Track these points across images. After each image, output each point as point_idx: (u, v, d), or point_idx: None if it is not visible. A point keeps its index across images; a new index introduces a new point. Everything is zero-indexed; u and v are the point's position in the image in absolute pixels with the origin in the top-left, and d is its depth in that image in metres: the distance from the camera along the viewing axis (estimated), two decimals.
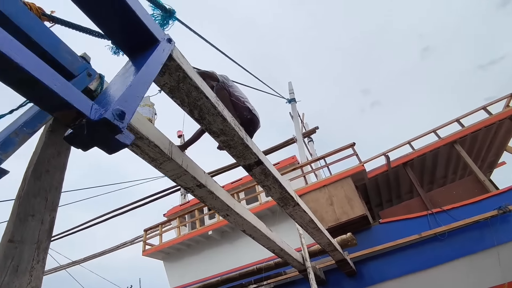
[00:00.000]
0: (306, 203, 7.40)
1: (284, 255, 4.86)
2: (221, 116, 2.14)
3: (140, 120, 2.24)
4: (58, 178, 1.69)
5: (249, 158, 2.56)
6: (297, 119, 10.62)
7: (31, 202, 1.49)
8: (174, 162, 2.51)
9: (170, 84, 1.83)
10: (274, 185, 2.99)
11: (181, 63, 1.77)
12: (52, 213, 1.57)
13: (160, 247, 8.85)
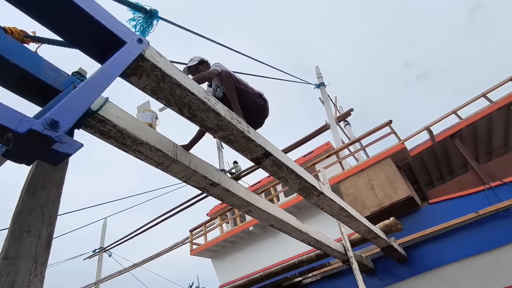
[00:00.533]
0: (345, 190, 7.07)
1: (321, 247, 4.67)
2: (213, 111, 2.04)
3: (138, 126, 2.23)
4: (54, 192, 1.73)
5: (255, 151, 2.44)
6: (328, 104, 10.16)
7: (26, 219, 1.53)
8: (181, 164, 2.48)
9: (151, 86, 1.78)
10: (291, 175, 2.83)
11: (156, 62, 1.70)
12: (49, 227, 1.61)
13: (206, 246, 9.11)
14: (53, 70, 1.82)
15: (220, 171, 10.36)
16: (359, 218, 4.11)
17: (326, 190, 3.37)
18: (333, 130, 9.31)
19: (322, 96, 10.44)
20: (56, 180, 1.77)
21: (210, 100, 2.04)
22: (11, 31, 1.73)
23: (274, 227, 3.79)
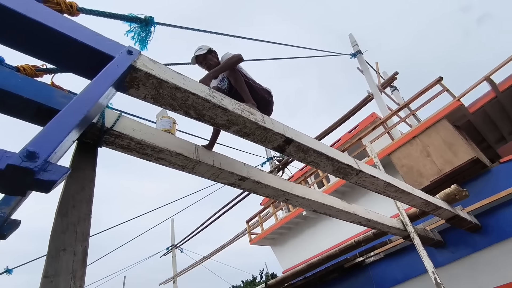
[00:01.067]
0: (398, 161, 6.57)
1: (375, 225, 4.41)
2: (220, 107, 1.99)
3: (155, 134, 2.28)
4: (85, 210, 1.84)
5: (274, 139, 2.34)
6: (368, 72, 9.43)
7: (60, 238, 1.65)
8: (205, 164, 2.50)
9: (150, 94, 1.78)
10: (320, 158, 2.67)
11: (150, 70, 1.69)
12: (83, 243, 1.72)
13: (263, 234, 9.27)
14: (65, 97, 1.93)
15: (268, 159, 10.32)
16: (412, 191, 3.76)
17: (366, 168, 3.14)
18: (377, 99, 8.64)
19: (360, 65, 9.72)
20: (85, 198, 1.88)
21: (214, 96, 1.99)
22: (24, 68, 1.86)
23: (318, 212, 3.66)
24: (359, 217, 3.96)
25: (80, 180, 1.92)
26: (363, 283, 6.65)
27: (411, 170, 6.23)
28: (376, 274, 6.37)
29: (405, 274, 5.97)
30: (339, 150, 7.82)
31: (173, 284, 16.90)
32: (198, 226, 13.36)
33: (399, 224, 4.79)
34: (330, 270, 6.92)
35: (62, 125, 1.10)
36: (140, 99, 1.80)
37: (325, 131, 9.67)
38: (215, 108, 1.98)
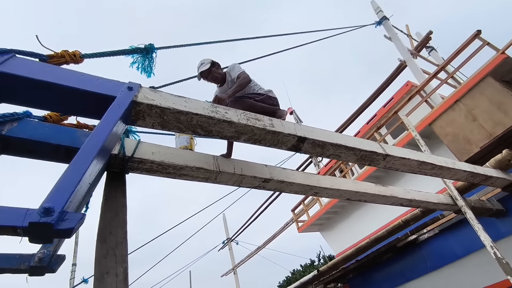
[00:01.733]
0: (440, 130, 6.12)
1: (419, 204, 4.20)
2: (225, 121, 2.05)
3: (173, 154, 2.43)
4: (121, 234, 2.04)
5: (287, 141, 2.34)
6: (398, 38, 8.75)
7: (103, 263, 1.85)
8: (226, 173, 2.60)
9: (157, 122, 1.89)
10: (340, 150, 2.62)
11: (151, 101, 1.80)
12: (123, 264, 1.92)
13: (310, 221, 9.28)
14: (87, 135, 2.12)
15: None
16: (452, 165, 3.50)
17: (394, 150, 2.99)
18: (411, 66, 8.01)
19: (388, 32, 9.04)
20: (119, 223, 2.08)
21: (218, 112, 2.05)
22: (50, 116, 2.09)
23: (352, 200, 3.60)
24: (398, 198, 3.81)
25: (114, 207, 2.11)
26: (419, 261, 6.39)
27: (457, 138, 5.76)
28: (432, 251, 6.08)
29: (465, 248, 5.61)
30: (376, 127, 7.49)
31: (234, 275, 17.70)
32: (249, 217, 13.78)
33: (447, 199, 4.50)
34: (382, 251, 6.74)
35: (72, 177, 1.24)
36: (148, 128, 1.93)
37: (358, 109, 9.29)
38: (221, 123, 2.04)
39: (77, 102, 1.64)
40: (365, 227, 8.03)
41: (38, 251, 1.67)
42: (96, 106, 1.67)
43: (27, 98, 1.65)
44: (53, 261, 1.71)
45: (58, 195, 1.16)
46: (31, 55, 1.64)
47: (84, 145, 1.37)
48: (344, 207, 8.78)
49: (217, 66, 2.92)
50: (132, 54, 2.20)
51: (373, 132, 7.45)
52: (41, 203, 1.13)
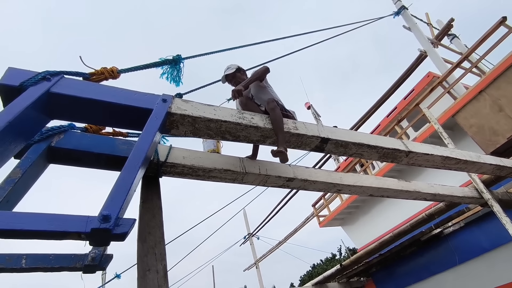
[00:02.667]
0: (464, 122, 5.99)
1: (443, 198, 4.17)
2: (252, 126, 2.16)
3: (202, 157, 2.57)
4: (159, 234, 2.20)
5: (310, 142, 2.43)
6: (417, 28, 8.52)
7: (144, 260, 2.02)
8: (252, 174, 2.72)
9: (189, 130, 2.03)
10: (362, 149, 2.68)
11: (183, 111, 1.93)
12: (162, 262, 2.08)
13: (331, 216, 9.29)
14: (125, 143, 2.29)
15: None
16: (477, 159, 3.47)
17: (417, 146, 3.02)
18: (432, 56, 7.81)
19: (406, 22, 8.81)
20: (157, 224, 2.24)
21: (245, 118, 2.17)
22: (90, 127, 2.27)
23: (375, 196, 3.64)
24: (422, 193, 3.81)
25: (151, 209, 2.28)
26: (444, 255, 6.31)
27: (482, 129, 5.61)
28: (457, 244, 5.99)
29: (492, 241, 5.50)
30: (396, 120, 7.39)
31: (256, 269, 17.98)
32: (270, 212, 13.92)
33: (472, 192, 4.44)
34: (406, 245, 6.70)
35: (124, 186, 1.39)
36: (181, 136, 2.07)
37: (378, 101, 9.16)
38: (248, 128, 2.16)
39: (118, 115, 1.80)
40: (388, 221, 7.97)
41: (90, 251, 1.85)
42: (135, 118, 1.82)
43: (74, 114, 1.82)
44: (103, 260, 1.89)
45: (113, 203, 1.31)
46: (76, 74, 1.80)
47: (131, 156, 1.52)
48: (365, 201, 8.74)
49: (242, 72, 3.05)
50: (162, 65, 2.34)
51: (394, 126, 7.36)
52: (99, 210, 1.28)
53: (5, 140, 1.40)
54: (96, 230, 1.22)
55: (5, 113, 1.39)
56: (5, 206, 1.67)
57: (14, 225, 1.14)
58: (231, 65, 3.02)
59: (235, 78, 2.96)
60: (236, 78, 2.96)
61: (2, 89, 1.53)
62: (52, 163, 2.12)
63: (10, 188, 1.70)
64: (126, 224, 1.32)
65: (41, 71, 1.63)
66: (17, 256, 1.62)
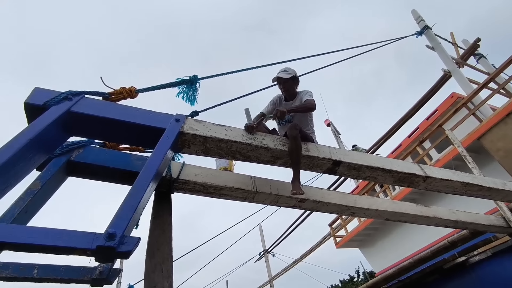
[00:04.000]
0: (491, 145, 5.73)
1: (467, 226, 3.96)
2: (262, 147, 2.18)
3: (214, 175, 2.60)
4: (167, 250, 2.23)
5: (322, 164, 2.41)
6: (440, 47, 8.34)
7: (151, 277, 2.04)
8: (263, 193, 2.71)
9: (200, 149, 2.08)
10: (377, 172, 2.62)
11: (195, 131, 1.99)
12: (169, 279, 2.09)
13: (348, 237, 9.00)
14: (139, 159, 2.36)
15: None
16: (503, 186, 3.29)
17: (435, 172, 2.91)
18: (457, 76, 7.58)
19: (430, 41, 8.66)
20: (166, 240, 2.27)
21: (255, 139, 2.19)
22: (108, 142, 2.36)
23: (391, 220, 3.51)
24: (442, 219, 3.63)
25: (161, 225, 2.32)
26: (470, 285, 5.91)
27: (510, 153, 5.33)
28: (484, 275, 5.60)
29: None
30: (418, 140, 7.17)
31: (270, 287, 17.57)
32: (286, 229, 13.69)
33: (499, 220, 4.19)
34: (427, 272, 6.35)
35: (131, 204, 1.43)
36: (192, 154, 2.12)
37: (399, 121, 8.95)
38: (258, 149, 2.18)
39: (133, 134, 1.88)
40: (408, 245, 7.61)
41: (98, 265, 1.90)
42: (149, 137, 1.89)
43: (91, 132, 1.92)
44: (111, 274, 1.93)
45: (120, 221, 1.35)
46: (96, 94, 1.91)
47: (140, 175, 1.57)
48: (384, 223, 8.42)
49: (296, 81, 2.92)
50: (178, 85, 2.43)
51: (416, 146, 7.14)
52: (106, 228, 1.32)
53: (26, 156, 1.49)
54: (101, 247, 1.26)
55: (27, 131, 1.49)
56: (24, 216, 1.76)
57: (25, 239, 1.20)
58: (289, 68, 2.92)
59: (287, 83, 2.84)
60: (286, 85, 2.85)
61: (28, 108, 1.65)
62: (71, 176, 2.22)
63: (30, 199, 1.79)
64: (131, 243, 1.35)
65: (64, 91, 1.74)
66: (29, 266, 1.69)
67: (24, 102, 1.63)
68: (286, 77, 2.83)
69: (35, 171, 2.02)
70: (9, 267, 1.64)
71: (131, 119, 1.82)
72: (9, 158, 1.36)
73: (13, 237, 1.17)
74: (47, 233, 1.24)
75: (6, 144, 1.42)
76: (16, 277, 1.64)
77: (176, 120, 1.96)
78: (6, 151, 1.38)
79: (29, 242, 1.20)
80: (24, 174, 1.62)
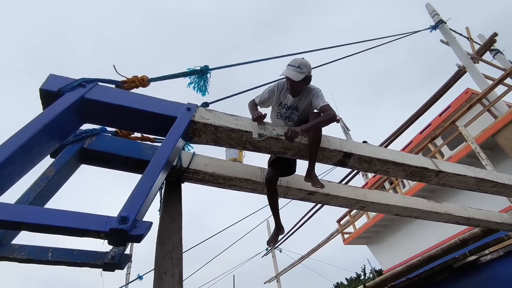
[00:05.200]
0: (506, 142, 5.60)
1: (479, 223, 3.90)
2: (272, 137, 2.16)
3: (224, 166, 2.61)
4: (177, 238, 2.25)
5: (333, 156, 2.39)
6: (455, 42, 8.14)
7: (161, 264, 2.07)
8: None
9: (211, 139, 2.08)
10: (388, 166, 2.58)
11: (206, 120, 1.99)
12: (178, 267, 2.12)
13: (356, 234, 8.94)
14: (151, 148, 2.39)
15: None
16: None
17: (448, 166, 2.85)
18: (472, 72, 7.39)
19: (444, 36, 8.46)
20: (176, 229, 2.29)
21: (266, 129, 2.18)
22: (120, 131, 2.39)
23: (401, 215, 3.48)
24: (453, 216, 3.58)
25: (171, 214, 2.34)
26: (481, 284, 5.82)
27: None
28: (495, 275, 5.50)
29: None
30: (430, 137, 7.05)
31: (277, 283, 17.65)
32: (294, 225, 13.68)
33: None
34: (436, 270, 6.27)
35: (143, 189, 1.45)
36: (203, 144, 2.13)
37: (411, 117, 8.80)
38: (269, 139, 2.17)
39: (145, 121, 1.89)
40: (417, 243, 7.52)
41: (110, 250, 1.93)
42: (160, 125, 1.90)
43: (104, 119, 1.94)
44: (122, 260, 1.96)
45: (132, 205, 1.37)
46: (109, 82, 1.93)
47: (152, 161, 1.58)
48: (394, 220, 8.33)
49: (307, 81, 2.46)
50: (189, 75, 2.43)
51: (427, 143, 7.02)
52: (118, 212, 1.34)
53: (41, 141, 1.51)
54: (114, 230, 1.28)
55: (42, 116, 1.51)
56: (38, 201, 1.80)
57: (41, 220, 1.23)
58: (303, 64, 2.36)
59: (293, 84, 2.38)
60: (295, 86, 2.39)
61: (43, 94, 1.67)
62: (84, 164, 2.26)
63: (44, 185, 1.83)
64: (143, 227, 1.36)
65: (78, 78, 1.76)
66: (44, 249, 1.74)
67: (39, 88, 1.66)
68: (297, 79, 2.33)
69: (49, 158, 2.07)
70: (25, 249, 1.68)
71: (143, 107, 1.83)
72: (25, 142, 1.38)
73: (30, 217, 1.19)
74: (62, 214, 1.26)
75: (22, 128, 1.45)
76: (32, 259, 1.68)
77: (188, 109, 1.97)
78: (22, 135, 1.41)
79: (45, 223, 1.23)
80: (39, 159, 1.65)
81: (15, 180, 1.45)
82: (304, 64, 2.38)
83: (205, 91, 2.53)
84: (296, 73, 2.33)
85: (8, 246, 1.69)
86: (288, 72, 2.35)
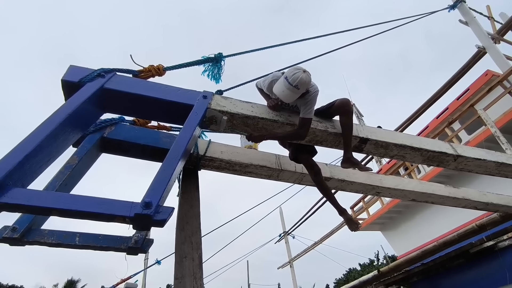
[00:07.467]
0: None
1: (498, 208, 3.83)
2: (289, 124, 2.18)
3: (240, 153, 2.64)
4: (196, 224, 2.31)
5: None
6: (475, 22, 7.79)
7: (181, 248, 2.14)
8: (287, 171, 2.74)
9: (227, 126, 2.10)
10: (405, 150, 2.55)
11: (222, 107, 2.01)
12: (198, 251, 2.18)
13: (370, 220, 8.92)
14: (168, 136, 2.43)
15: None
16: None
17: (467, 150, 2.80)
18: (492, 53, 7.09)
19: (463, 16, 8.10)
20: (194, 215, 2.35)
21: (282, 115, 2.18)
22: (138, 120, 2.44)
23: (418, 201, 3.45)
24: (471, 201, 3.53)
25: (189, 200, 2.40)
26: (498, 270, 5.76)
27: None
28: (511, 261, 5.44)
29: None
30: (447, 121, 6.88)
31: (290, 268, 17.93)
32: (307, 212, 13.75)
33: None
34: (452, 256, 6.23)
35: (165, 176, 1.49)
36: (220, 131, 2.15)
37: (427, 101, 8.59)
38: (284, 126, 2.18)
39: (163, 110, 1.93)
40: (432, 229, 7.46)
41: (133, 234, 2.01)
42: (177, 113, 1.93)
43: (123, 108, 1.98)
44: (145, 244, 2.04)
45: (155, 191, 1.41)
46: (126, 71, 1.96)
47: (172, 148, 1.62)
48: (408, 206, 8.26)
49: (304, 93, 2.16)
50: (204, 63, 2.44)
51: (444, 128, 6.86)
52: (142, 197, 1.39)
53: (66, 130, 1.57)
54: (138, 215, 1.33)
55: (66, 106, 1.56)
56: (64, 189, 1.88)
57: (71, 206, 1.29)
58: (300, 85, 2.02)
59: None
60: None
61: (64, 85, 1.72)
62: (104, 153, 2.32)
63: (69, 173, 1.90)
64: (165, 212, 1.41)
65: (97, 69, 1.79)
66: (72, 234, 1.82)
67: (61, 79, 1.70)
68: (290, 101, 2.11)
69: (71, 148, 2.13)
70: (54, 234, 1.77)
71: (161, 95, 1.86)
72: (52, 131, 1.44)
73: (61, 203, 1.25)
74: (90, 201, 1.32)
75: (48, 118, 1.50)
76: (61, 244, 1.77)
77: (204, 96, 1.98)
78: (48, 124, 1.46)
79: (75, 208, 1.28)
80: (64, 148, 1.71)
81: (43, 168, 1.51)
82: (303, 82, 2.03)
83: (219, 78, 2.54)
84: (291, 93, 2.04)
85: (39, 232, 1.78)
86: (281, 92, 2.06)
